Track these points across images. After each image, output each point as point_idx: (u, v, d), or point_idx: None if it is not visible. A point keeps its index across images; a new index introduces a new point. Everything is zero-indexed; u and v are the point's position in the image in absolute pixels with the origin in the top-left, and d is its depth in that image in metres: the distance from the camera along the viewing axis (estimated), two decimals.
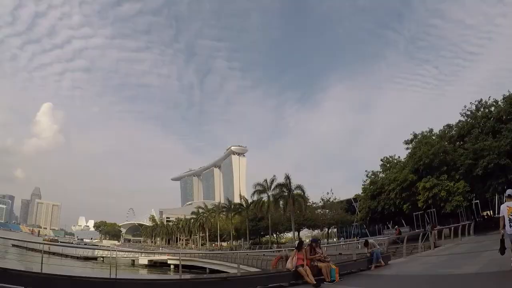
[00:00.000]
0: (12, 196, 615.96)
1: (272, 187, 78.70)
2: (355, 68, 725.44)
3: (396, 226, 58.74)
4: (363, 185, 64.75)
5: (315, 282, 14.32)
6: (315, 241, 17.12)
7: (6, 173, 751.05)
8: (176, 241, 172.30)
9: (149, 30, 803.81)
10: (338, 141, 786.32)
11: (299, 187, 75.21)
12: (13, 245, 67.91)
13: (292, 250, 17.08)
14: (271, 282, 14.73)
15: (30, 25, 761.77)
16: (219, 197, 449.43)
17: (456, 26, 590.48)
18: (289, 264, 15.54)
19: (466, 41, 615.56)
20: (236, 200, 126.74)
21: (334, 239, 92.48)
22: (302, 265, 14.93)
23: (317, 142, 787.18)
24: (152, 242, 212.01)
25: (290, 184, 73.93)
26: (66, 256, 75.93)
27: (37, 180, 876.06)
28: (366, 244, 21.33)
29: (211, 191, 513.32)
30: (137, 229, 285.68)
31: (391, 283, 15.33)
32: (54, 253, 70.13)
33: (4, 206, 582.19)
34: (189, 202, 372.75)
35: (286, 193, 74.10)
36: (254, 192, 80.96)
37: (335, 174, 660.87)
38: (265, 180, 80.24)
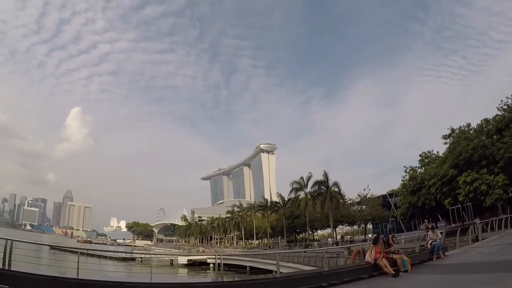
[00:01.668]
0: (45, 199, 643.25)
1: (309, 184, 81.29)
2: (380, 62, 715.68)
3: (425, 222, 59.76)
4: (402, 180, 66.05)
5: (393, 272, 16.00)
6: (388, 235, 19.20)
7: (38, 177, 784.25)
8: (210, 240, 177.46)
9: (173, 31, 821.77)
10: (365, 137, 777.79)
11: (335, 184, 77.11)
12: (51, 248, 72.76)
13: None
14: (353, 275, 16.17)
15: (55, 32, 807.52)
16: (249, 196, 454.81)
17: (483, 13, 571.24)
18: (368, 258, 17.29)
19: (494, 28, 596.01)
20: (267, 196, 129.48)
21: (369, 235, 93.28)
22: (380, 258, 16.71)
23: (344, 138, 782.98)
24: (185, 241, 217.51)
25: (328, 181, 76.11)
26: (105, 257, 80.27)
27: (68, 183, 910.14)
28: (433, 228, 23.93)
29: (241, 189, 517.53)
30: (169, 229, 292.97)
31: (459, 270, 17.02)
32: (92, 255, 74.78)
33: (37, 209, 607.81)
34: (220, 201, 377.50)
35: (324, 190, 76.07)
36: (292, 190, 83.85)
37: (363, 170, 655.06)
38: (302, 178, 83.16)
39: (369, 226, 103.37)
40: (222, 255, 18.71)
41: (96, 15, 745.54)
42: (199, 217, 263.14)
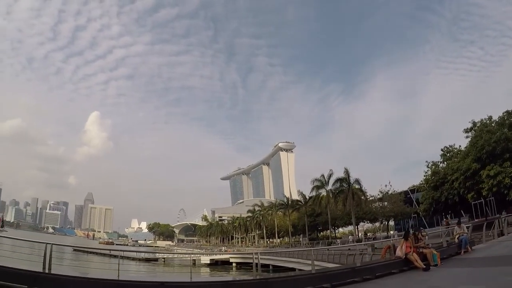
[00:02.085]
0: (66, 202, 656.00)
1: (330, 181, 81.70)
2: (397, 55, 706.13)
3: (447, 218, 59.48)
4: (424, 176, 66.29)
5: (424, 266, 16.34)
6: (418, 230, 19.61)
7: (59, 181, 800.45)
8: (230, 240, 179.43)
9: (188, 33, 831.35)
10: (384, 132, 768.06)
11: (357, 181, 77.27)
12: (74, 250, 74.79)
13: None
14: (385, 270, 16.53)
15: (71, 39, 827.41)
16: (269, 194, 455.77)
17: (499, 2, 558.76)
18: (399, 252, 17.77)
19: (511, 18, 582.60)
20: (287, 196, 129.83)
21: (391, 232, 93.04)
22: (411, 252, 17.21)
23: (363, 133, 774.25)
24: (206, 241, 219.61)
25: (349, 178, 76.26)
26: (128, 258, 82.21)
27: (89, 186, 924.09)
28: (459, 223, 24.61)
29: (261, 188, 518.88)
30: (189, 229, 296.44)
31: (488, 263, 17.36)
32: (115, 256, 76.25)
33: (59, 212, 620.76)
34: (240, 201, 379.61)
35: (346, 188, 76.28)
36: (313, 187, 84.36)
37: (382, 165, 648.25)
38: (322, 175, 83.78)
39: (391, 223, 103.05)
40: (258, 253, 19.06)
41: (111, 21, 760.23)
42: (219, 217, 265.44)
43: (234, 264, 78.90)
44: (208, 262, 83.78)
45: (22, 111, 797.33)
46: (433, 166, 65.21)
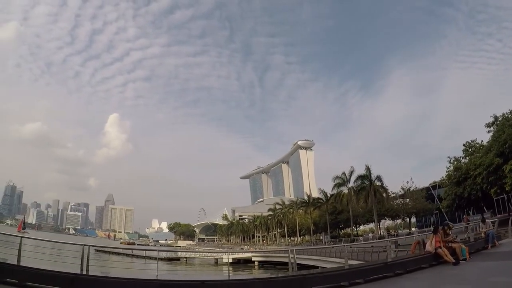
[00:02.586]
0: (87, 203, 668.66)
1: (352, 179, 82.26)
2: (414, 51, 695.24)
3: (468, 213, 59.38)
4: (447, 171, 66.35)
5: (454, 261, 16.81)
6: (447, 225, 20.23)
7: (80, 183, 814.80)
8: (251, 238, 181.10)
9: (204, 34, 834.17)
10: (404, 128, 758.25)
11: (378, 177, 77.37)
12: (96, 250, 76.49)
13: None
14: (415, 265, 16.91)
15: (88, 43, 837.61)
16: (289, 193, 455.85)
17: None
18: (429, 247, 18.30)
19: None
20: (307, 194, 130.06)
21: (413, 229, 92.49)
22: (440, 247, 17.79)
23: (382, 130, 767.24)
24: (226, 240, 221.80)
25: (371, 175, 76.74)
26: (150, 258, 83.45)
27: (109, 187, 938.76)
28: (483, 221, 24.96)
29: (281, 187, 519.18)
30: (210, 229, 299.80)
31: None
32: (137, 256, 78.12)
33: (80, 214, 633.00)
34: (260, 200, 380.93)
35: (367, 185, 76.67)
36: (335, 185, 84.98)
37: (401, 162, 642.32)
38: (344, 173, 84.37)
39: (412, 219, 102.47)
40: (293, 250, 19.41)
41: (127, 23, 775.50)
42: (239, 216, 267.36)
43: (256, 263, 79.71)
44: (231, 261, 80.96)
45: (41, 115, 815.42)
46: (455, 162, 65.19)
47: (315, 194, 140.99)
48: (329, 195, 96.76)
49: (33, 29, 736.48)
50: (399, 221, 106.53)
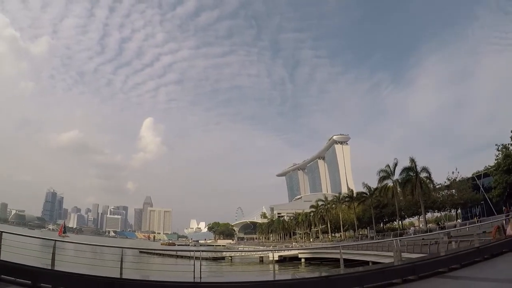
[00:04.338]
0: (126, 206, 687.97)
1: (396, 171, 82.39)
2: (445, 37, 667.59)
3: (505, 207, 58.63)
4: (496, 159, 65.94)
5: None
6: None
7: (119, 187, 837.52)
8: (291, 236, 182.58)
9: (231, 34, 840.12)
10: (439, 117, 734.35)
11: (424, 169, 77.04)
12: (140, 252, 79.12)
13: None
14: (495, 250, 17.41)
15: (118, 51, 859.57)
16: (326, 189, 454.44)
17: None
18: (510, 231, 19.23)
19: None
20: (344, 188, 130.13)
21: (459, 221, 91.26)
22: None
23: (417, 120, 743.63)
24: (266, 238, 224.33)
25: (416, 167, 76.67)
26: (195, 258, 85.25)
27: (147, 190, 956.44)
28: None
29: (317, 183, 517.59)
30: (248, 227, 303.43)
31: None
32: (182, 257, 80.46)
33: (119, 217, 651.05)
34: (298, 196, 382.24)
35: (413, 177, 76.52)
36: (380, 178, 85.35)
37: (439, 152, 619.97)
38: (388, 165, 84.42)
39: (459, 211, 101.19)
40: (342, 245, 19.49)
41: (154, 29, 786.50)
42: (278, 213, 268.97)
43: (303, 260, 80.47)
44: (277, 258, 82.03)
45: (77, 123, 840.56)
46: (504, 149, 64.73)
47: (353, 188, 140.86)
48: (373, 189, 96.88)
49: (63, 41, 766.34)
50: (444, 213, 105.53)
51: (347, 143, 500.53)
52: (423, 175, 77.36)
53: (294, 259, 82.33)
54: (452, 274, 15.02)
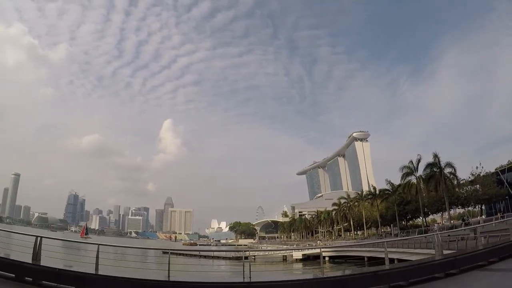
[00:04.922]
0: (147, 207, 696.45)
1: (420, 167, 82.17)
2: (463, 29, 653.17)
3: None
4: None
5: None
6: None
7: (140, 188, 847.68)
8: (313, 234, 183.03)
9: (247, 33, 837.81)
10: (460, 111, 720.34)
11: (449, 164, 76.79)
12: (164, 252, 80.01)
13: None
14: None
15: (135, 54, 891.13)
16: (347, 186, 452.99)
17: None
18: None
19: None
20: (365, 186, 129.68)
21: (483, 216, 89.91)
22: None
23: (438, 115, 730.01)
24: (287, 237, 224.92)
25: (440, 163, 76.34)
26: (218, 257, 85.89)
27: (168, 190, 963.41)
28: None
29: (338, 181, 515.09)
30: (269, 226, 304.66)
31: None
32: (205, 256, 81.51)
33: (140, 217, 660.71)
34: (319, 195, 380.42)
35: (437, 172, 76.30)
36: (403, 174, 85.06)
37: (461, 147, 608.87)
38: (411, 161, 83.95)
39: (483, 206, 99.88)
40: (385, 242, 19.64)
41: (171, 31, 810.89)
42: (299, 212, 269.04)
43: (327, 258, 78.20)
44: (300, 257, 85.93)
45: (98, 127, 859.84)
46: None
47: (374, 185, 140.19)
48: (396, 186, 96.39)
49: (81, 47, 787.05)
50: (468, 209, 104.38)
51: (367, 140, 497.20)
52: (447, 170, 77.08)
53: (318, 257, 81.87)
54: (492, 267, 15.37)
